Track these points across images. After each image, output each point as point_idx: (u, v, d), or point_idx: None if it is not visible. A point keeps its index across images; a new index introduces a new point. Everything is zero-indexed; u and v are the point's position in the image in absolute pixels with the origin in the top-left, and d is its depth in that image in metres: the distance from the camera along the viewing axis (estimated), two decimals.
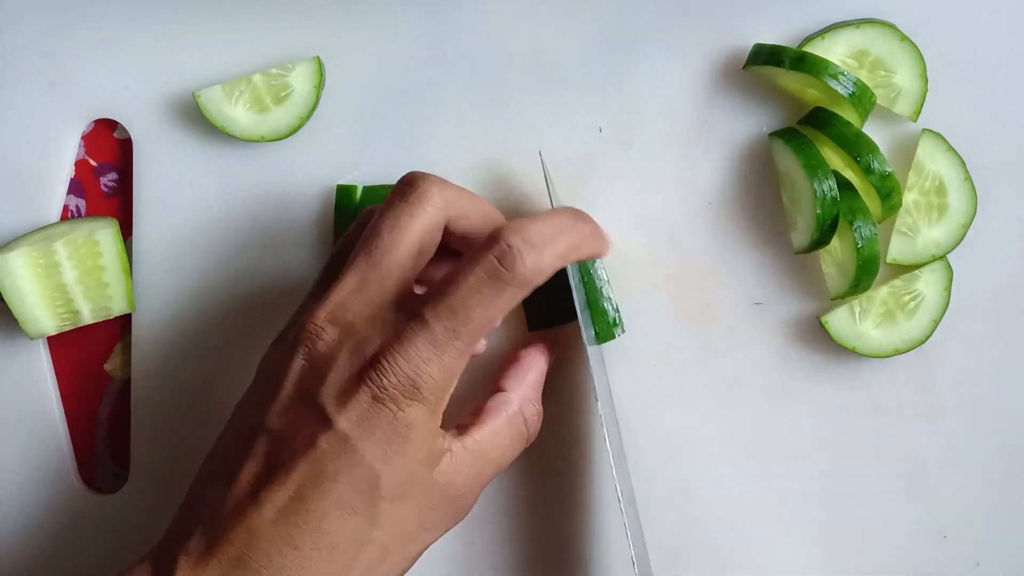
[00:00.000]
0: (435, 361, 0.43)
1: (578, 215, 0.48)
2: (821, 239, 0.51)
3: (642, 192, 0.55)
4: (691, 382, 0.55)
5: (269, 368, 0.46)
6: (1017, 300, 0.55)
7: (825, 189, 0.51)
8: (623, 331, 0.54)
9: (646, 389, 0.55)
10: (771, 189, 0.55)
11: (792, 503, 0.55)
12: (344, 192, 0.55)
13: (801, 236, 0.52)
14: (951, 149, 0.53)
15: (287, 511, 0.43)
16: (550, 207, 0.48)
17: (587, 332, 0.51)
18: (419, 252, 0.45)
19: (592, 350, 0.51)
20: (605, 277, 0.54)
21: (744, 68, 0.54)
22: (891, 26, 0.53)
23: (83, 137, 0.58)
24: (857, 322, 0.53)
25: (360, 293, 0.45)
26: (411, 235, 0.45)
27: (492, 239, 0.43)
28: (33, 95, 0.56)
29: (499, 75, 0.56)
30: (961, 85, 0.55)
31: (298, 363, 0.45)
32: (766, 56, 0.52)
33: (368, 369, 0.43)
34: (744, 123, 0.55)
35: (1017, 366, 0.55)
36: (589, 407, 0.55)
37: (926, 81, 0.53)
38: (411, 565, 0.46)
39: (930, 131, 0.54)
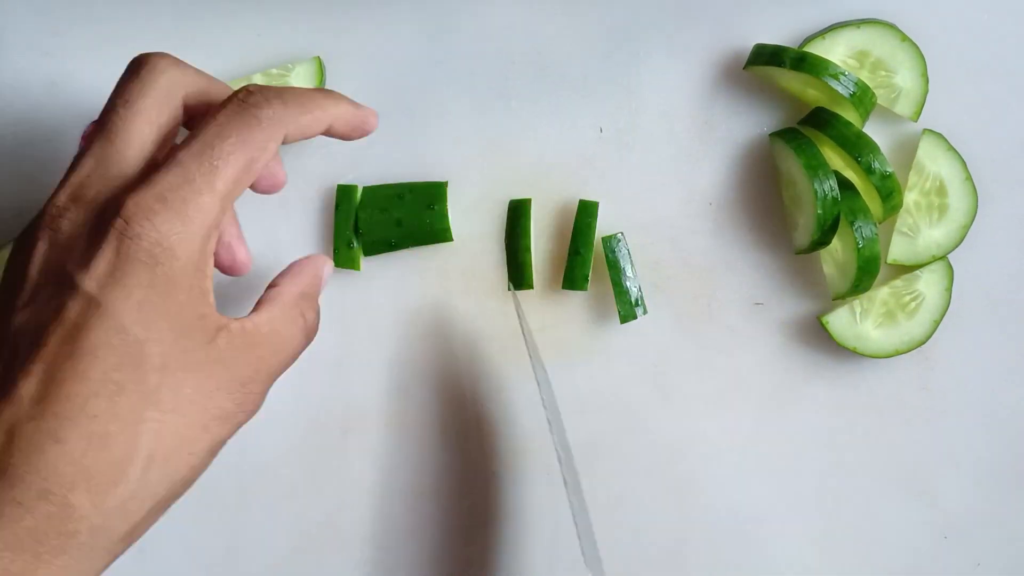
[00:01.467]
0: (190, 195, 0.39)
1: (330, 93, 0.46)
2: (822, 239, 0.51)
3: (642, 192, 0.55)
4: (691, 382, 0.55)
5: (10, 267, 0.42)
6: (1017, 300, 0.55)
7: (826, 189, 0.51)
8: (645, 311, 0.54)
9: (646, 389, 0.55)
10: (772, 189, 0.55)
11: (792, 503, 0.55)
12: (344, 192, 0.55)
13: (802, 236, 0.52)
14: (952, 149, 0.53)
15: (45, 401, 0.38)
16: (524, 342, 0.46)
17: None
18: (158, 125, 0.43)
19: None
20: (629, 258, 0.54)
21: (745, 68, 0.54)
22: (892, 26, 0.53)
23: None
24: (858, 322, 0.53)
25: (100, 168, 0.42)
26: (145, 105, 0.42)
27: (239, 89, 0.42)
28: (33, 95, 0.56)
29: (499, 76, 0.56)
30: (962, 85, 0.54)
31: (41, 248, 0.41)
32: (767, 56, 0.52)
33: (113, 218, 0.39)
34: (745, 123, 0.55)
35: (1017, 366, 0.55)
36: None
37: (927, 81, 0.53)
38: (203, 464, 0.41)
39: (931, 131, 0.54)
